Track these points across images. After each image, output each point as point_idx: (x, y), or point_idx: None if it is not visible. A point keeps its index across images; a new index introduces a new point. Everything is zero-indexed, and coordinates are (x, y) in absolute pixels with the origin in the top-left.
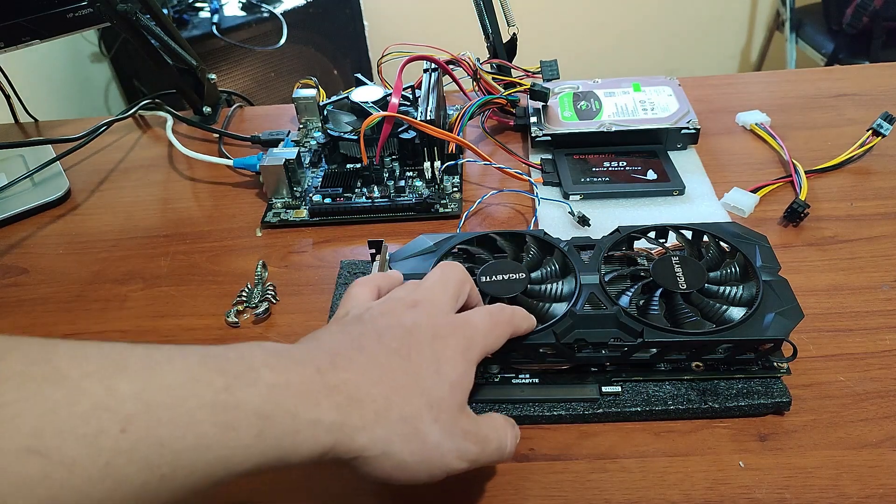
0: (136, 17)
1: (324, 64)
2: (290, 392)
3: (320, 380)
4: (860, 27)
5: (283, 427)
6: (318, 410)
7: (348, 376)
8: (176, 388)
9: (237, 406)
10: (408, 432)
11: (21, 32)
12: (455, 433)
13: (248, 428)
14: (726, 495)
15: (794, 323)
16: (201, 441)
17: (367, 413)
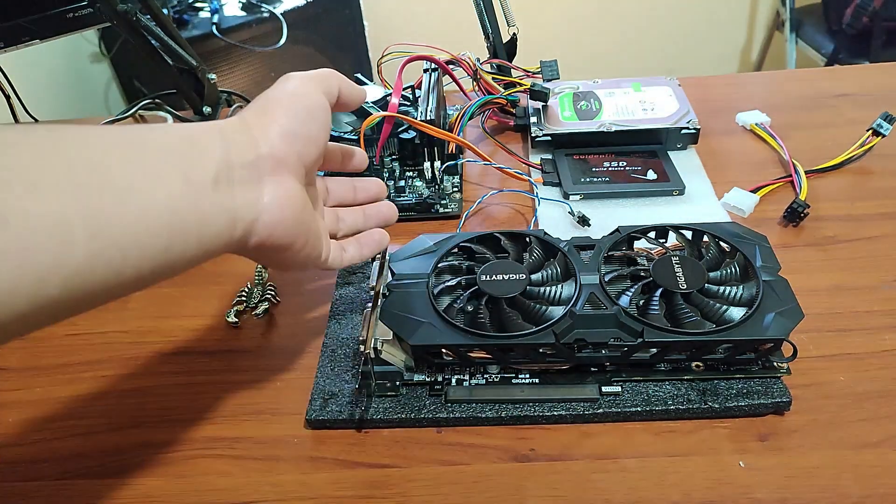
0: (136, 17)
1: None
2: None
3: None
4: (860, 27)
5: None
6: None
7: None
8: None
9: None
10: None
11: (21, 32)
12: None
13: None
14: (726, 495)
15: (794, 323)
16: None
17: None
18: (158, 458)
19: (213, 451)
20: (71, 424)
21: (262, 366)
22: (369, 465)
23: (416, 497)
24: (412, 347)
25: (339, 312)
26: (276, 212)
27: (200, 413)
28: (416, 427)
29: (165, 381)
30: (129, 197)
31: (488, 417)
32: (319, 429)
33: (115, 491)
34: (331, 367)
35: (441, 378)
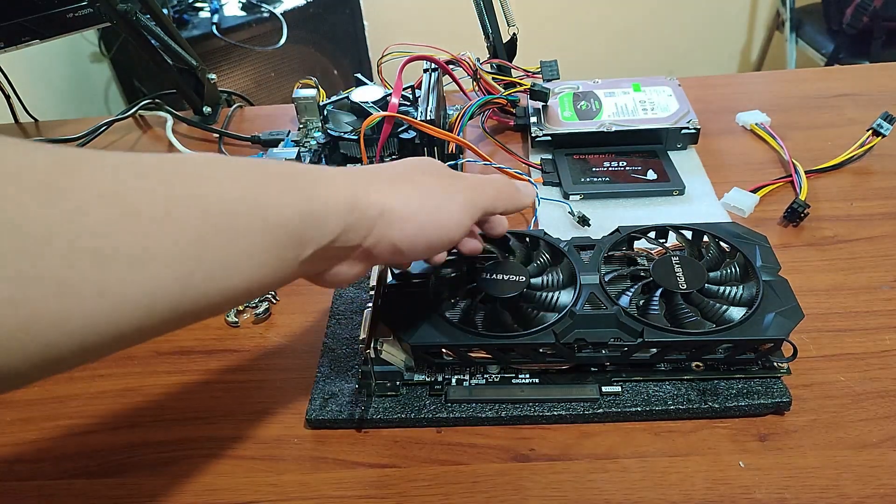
0: (136, 17)
1: (324, 64)
2: (299, 166)
3: (328, 168)
4: (860, 27)
5: (307, 183)
6: (331, 173)
7: (352, 168)
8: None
9: (267, 170)
10: (413, 186)
11: (21, 32)
12: (447, 177)
13: (280, 186)
14: (726, 495)
15: (794, 323)
16: (248, 195)
17: (374, 182)
18: (158, 457)
19: (212, 451)
20: (70, 424)
21: (262, 366)
22: (369, 465)
23: (416, 497)
24: (412, 347)
25: (339, 312)
26: (326, 281)
27: (200, 413)
28: (416, 427)
29: (165, 380)
30: (223, 277)
31: (488, 417)
32: (319, 429)
33: (114, 491)
34: (331, 367)
35: (441, 378)
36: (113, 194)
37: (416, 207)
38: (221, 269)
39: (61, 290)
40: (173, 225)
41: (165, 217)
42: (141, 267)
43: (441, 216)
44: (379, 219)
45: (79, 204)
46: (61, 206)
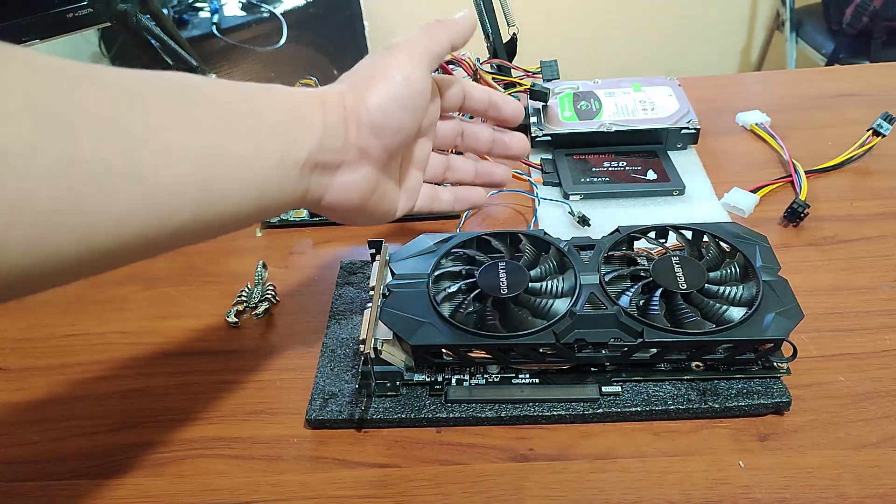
0: (136, 18)
1: (324, 64)
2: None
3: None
4: (860, 27)
5: (283, 96)
6: (303, 93)
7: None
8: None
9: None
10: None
11: (21, 32)
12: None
13: (265, 97)
14: (726, 495)
15: (794, 323)
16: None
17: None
18: (158, 458)
19: (212, 451)
20: (71, 424)
21: (262, 366)
22: (369, 465)
23: (415, 497)
24: (412, 347)
25: (339, 312)
26: (342, 195)
27: (200, 413)
28: (416, 427)
29: (165, 381)
30: (239, 168)
31: (488, 417)
32: (319, 429)
33: (114, 491)
34: (331, 367)
35: (441, 378)
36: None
37: (369, 66)
38: (237, 161)
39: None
40: (187, 114)
41: (180, 106)
42: (167, 154)
43: (396, 69)
44: (347, 96)
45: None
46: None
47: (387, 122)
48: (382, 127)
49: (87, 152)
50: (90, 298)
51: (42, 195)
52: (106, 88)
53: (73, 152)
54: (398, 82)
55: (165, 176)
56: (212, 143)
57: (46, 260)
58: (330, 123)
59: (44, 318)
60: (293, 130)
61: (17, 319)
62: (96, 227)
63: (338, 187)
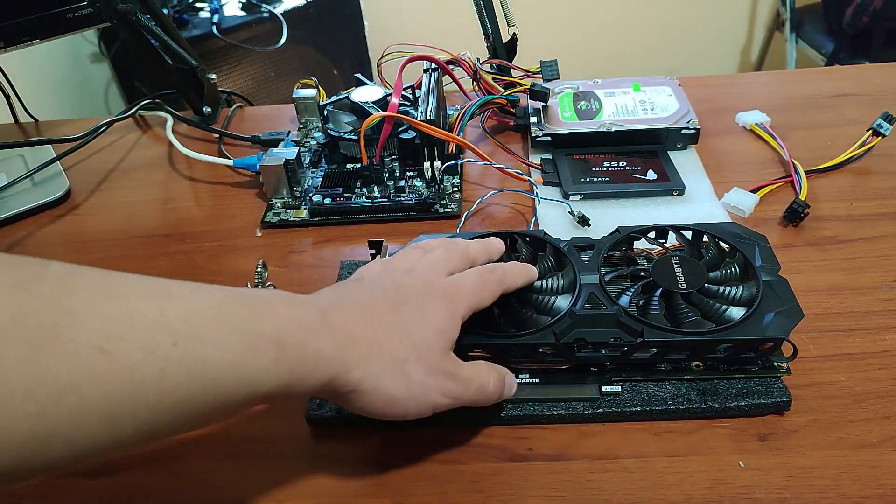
0: (136, 17)
1: (324, 64)
2: (298, 325)
3: (322, 319)
4: (860, 27)
5: (294, 354)
6: (321, 343)
7: (345, 319)
8: (212, 316)
9: (259, 334)
10: (396, 369)
11: (21, 32)
12: (437, 372)
13: (266, 352)
14: (726, 495)
15: (793, 323)
16: (233, 360)
17: (361, 351)
18: (158, 457)
19: (212, 450)
20: None
21: None
22: (369, 463)
23: (415, 496)
24: None
25: None
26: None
27: None
28: (416, 427)
29: None
30: (185, 425)
31: (488, 417)
32: (319, 427)
33: (114, 490)
34: None
35: None
36: (108, 346)
37: (391, 396)
38: (192, 419)
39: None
40: (161, 385)
41: (158, 375)
42: (117, 426)
43: (408, 409)
44: (348, 394)
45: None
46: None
47: (374, 413)
48: (368, 413)
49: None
50: None
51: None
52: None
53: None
54: (411, 404)
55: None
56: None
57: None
58: (326, 393)
59: None
60: (280, 397)
61: None
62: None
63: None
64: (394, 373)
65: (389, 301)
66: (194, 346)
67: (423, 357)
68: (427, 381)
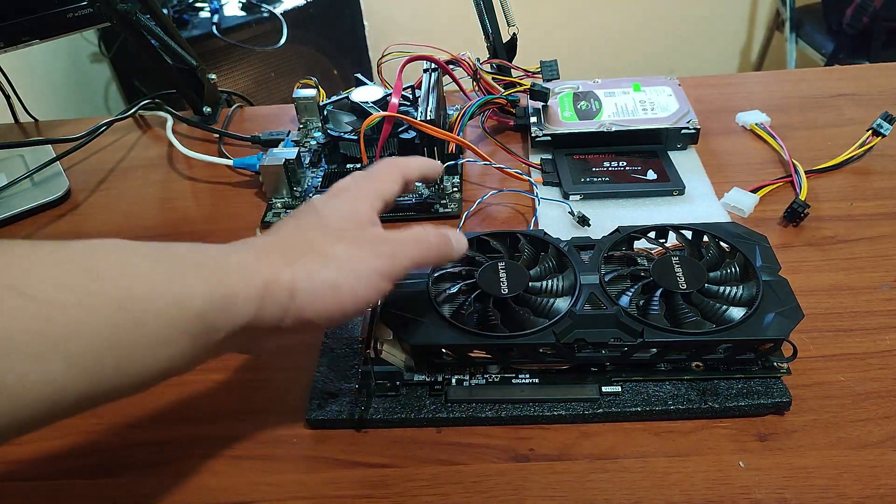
0: (136, 17)
1: (324, 64)
2: (217, 250)
3: (240, 243)
4: (860, 27)
5: (217, 266)
6: (241, 255)
7: (261, 240)
8: (130, 255)
9: (181, 258)
10: (323, 258)
11: (21, 32)
12: (364, 242)
13: (193, 275)
14: (726, 495)
15: (794, 323)
16: (159, 288)
17: (285, 254)
18: (157, 457)
19: (212, 451)
20: (70, 424)
21: (262, 365)
22: (369, 465)
23: (415, 497)
24: (412, 347)
25: None
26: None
27: (199, 412)
28: (416, 427)
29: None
30: (135, 367)
31: (488, 417)
32: (319, 428)
33: (113, 491)
34: (331, 367)
35: (441, 378)
36: (21, 287)
37: (330, 281)
38: (134, 359)
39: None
40: (87, 318)
41: (79, 309)
42: (44, 361)
43: (356, 289)
44: (291, 301)
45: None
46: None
47: (325, 325)
48: (319, 327)
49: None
50: None
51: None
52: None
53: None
54: (355, 302)
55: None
56: (107, 344)
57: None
58: (264, 307)
59: None
60: (217, 321)
61: None
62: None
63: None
64: (323, 261)
65: (297, 217)
66: (116, 282)
67: (344, 236)
68: (357, 253)
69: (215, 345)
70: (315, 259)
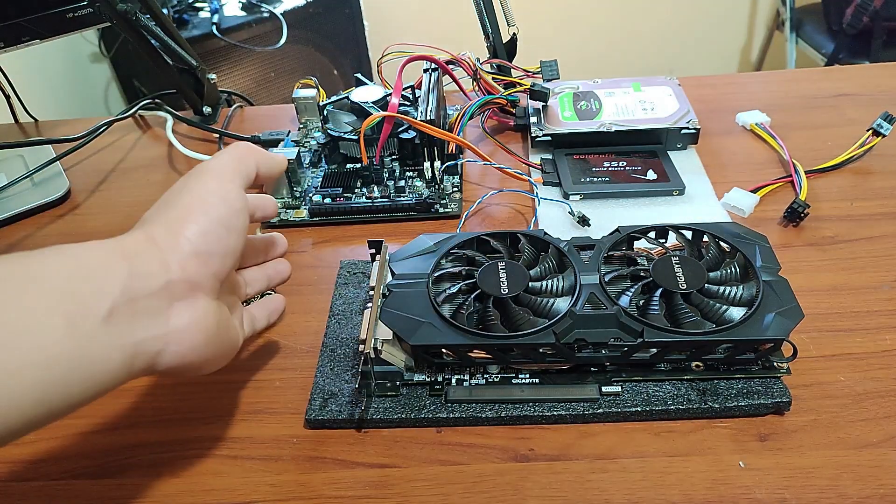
0: (136, 17)
1: (324, 64)
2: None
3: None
4: (860, 27)
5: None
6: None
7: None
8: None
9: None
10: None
11: (21, 32)
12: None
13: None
14: (726, 495)
15: (794, 323)
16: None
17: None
18: (157, 458)
19: (211, 451)
20: (70, 424)
21: (262, 365)
22: (369, 465)
23: (415, 497)
24: (412, 347)
25: (339, 312)
26: (185, 340)
27: (199, 413)
28: (416, 427)
29: (164, 380)
30: (8, 352)
31: (488, 417)
32: (319, 429)
33: (113, 491)
34: (331, 367)
35: (441, 378)
36: None
37: (177, 198)
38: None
39: None
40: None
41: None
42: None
43: (212, 193)
44: (160, 236)
45: None
46: None
47: (213, 248)
48: (209, 254)
49: None
50: None
51: None
52: None
53: None
54: (216, 204)
55: None
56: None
57: None
58: (139, 266)
59: None
60: (77, 292)
61: None
62: None
63: (178, 332)
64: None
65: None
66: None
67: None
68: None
69: (104, 322)
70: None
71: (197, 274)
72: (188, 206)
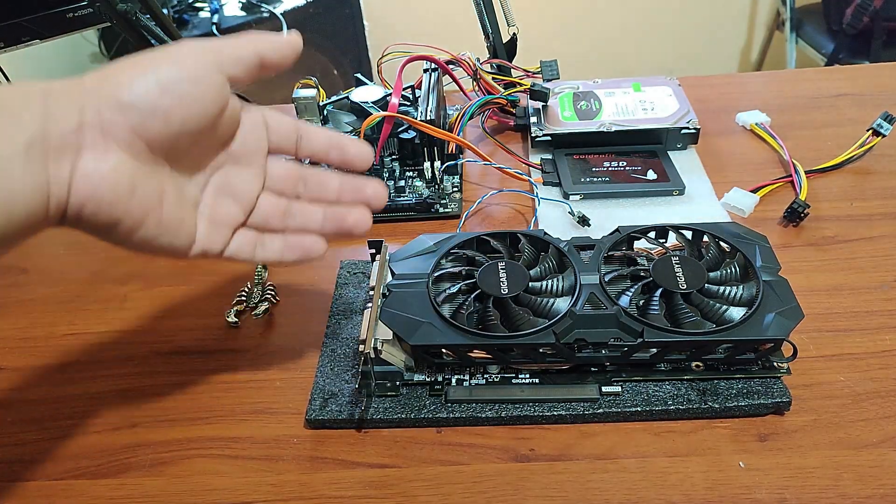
0: (136, 17)
1: (324, 64)
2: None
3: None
4: (860, 27)
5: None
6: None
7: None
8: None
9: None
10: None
11: (21, 32)
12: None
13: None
14: (726, 495)
15: (794, 323)
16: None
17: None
18: (157, 458)
19: (212, 451)
20: (70, 424)
21: (262, 366)
22: (369, 465)
23: (415, 497)
24: (412, 347)
25: (339, 312)
26: (87, 187)
27: (200, 413)
28: (416, 427)
29: (164, 380)
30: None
31: (488, 417)
32: (319, 429)
33: (113, 491)
34: (331, 367)
35: (441, 378)
36: None
37: (139, 58)
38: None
39: None
40: None
41: None
42: None
43: (165, 52)
44: (89, 80)
45: None
46: None
47: (137, 100)
48: (130, 104)
49: None
50: (90, 297)
51: None
52: None
53: None
54: (162, 61)
55: None
56: None
57: None
58: (57, 105)
59: (43, 316)
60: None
61: (17, 318)
62: None
63: (84, 175)
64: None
65: None
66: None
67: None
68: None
69: (24, 153)
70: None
71: (111, 123)
72: (137, 60)
